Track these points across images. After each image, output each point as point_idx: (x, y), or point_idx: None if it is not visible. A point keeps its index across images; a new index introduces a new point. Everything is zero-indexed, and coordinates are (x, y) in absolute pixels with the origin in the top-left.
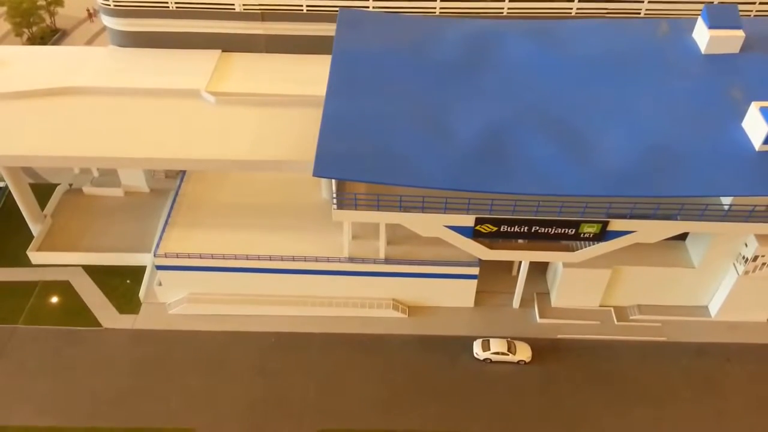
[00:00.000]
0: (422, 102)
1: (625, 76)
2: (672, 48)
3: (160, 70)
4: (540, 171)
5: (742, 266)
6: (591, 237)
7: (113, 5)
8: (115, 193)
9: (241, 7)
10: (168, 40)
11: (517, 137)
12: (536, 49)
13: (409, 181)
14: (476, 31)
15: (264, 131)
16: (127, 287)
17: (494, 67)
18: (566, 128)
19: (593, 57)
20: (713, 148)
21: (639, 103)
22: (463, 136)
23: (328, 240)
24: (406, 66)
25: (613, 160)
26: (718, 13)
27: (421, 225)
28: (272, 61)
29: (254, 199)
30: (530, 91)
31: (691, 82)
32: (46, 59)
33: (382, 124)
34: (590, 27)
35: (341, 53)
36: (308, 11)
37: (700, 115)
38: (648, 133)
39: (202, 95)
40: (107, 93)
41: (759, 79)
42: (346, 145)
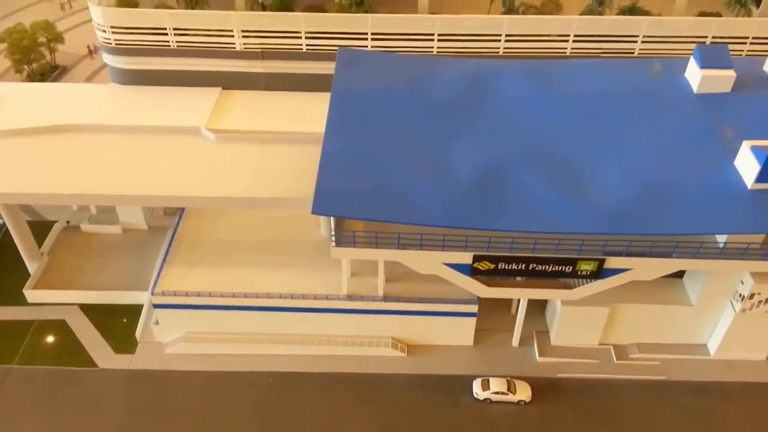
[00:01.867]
0: (420, 140)
1: (620, 114)
2: (665, 87)
3: (160, 108)
4: (536, 208)
5: (739, 304)
6: (588, 275)
7: (115, 44)
8: (113, 231)
9: (242, 46)
10: (168, 77)
11: (513, 175)
12: (532, 87)
13: (407, 219)
14: (473, 70)
15: (263, 168)
16: (124, 326)
17: (491, 105)
18: (562, 166)
19: (588, 96)
20: (706, 186)
21: (633, 142)
22: (460, 173)
23: (326, 277)
24: (404, 104)
25: (608, 198)
26: (710, 54)
27: (419, 262)
28: (272, 99)
29: (253, 236)
30: (526, 129)
31: (684, 120)
32: (46, 96)
33: (380, 162)
34: (585, 66)
35: (340, 92)
36: (308, 50)
37: (694, 154)
38: (642, 171)
39: (202, 132)
40: (107, 130)
41: (750, 118)
42: (344, 183)
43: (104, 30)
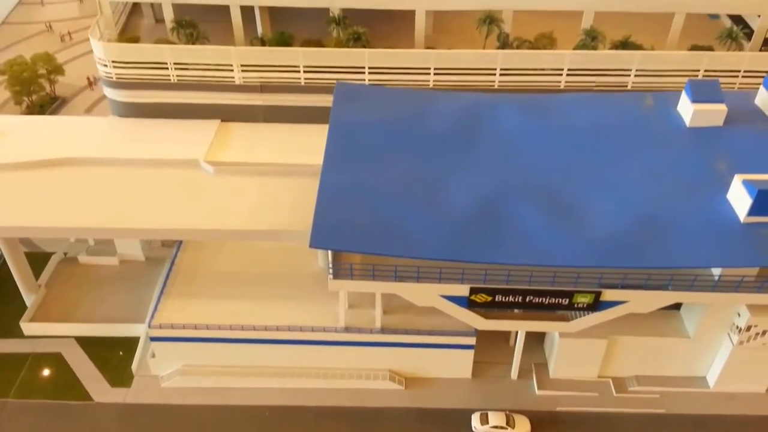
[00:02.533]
0: (417, 173)
1: (614, 148)
2: (658, 121)
3: (159, 140)
4: (532, 241)
5: (736, 336)
6: (585, 307)
7: (116, 78)
8: (110, 262)
9: (241, 80)
10: (168, 110)
11: (509, 208)
12: (527, 121)
13: (404, 252)
14: (469, 104)
15: (261, 201)
16: (120, 359)
17: (487, 139)
18: (557, 199)
19: (582, 129)
20: (700, 220)
21: (627, 175)
22: (456, 207)
23: (323, 309)
24: (401, 138)
25: (603, 231)
26: (701, 88)
27: (417, 294)
28: (270, 131)
29: (250, 267)
30: (522, 162)
31: (677, 154)
32: (47, 129)
33: (377, 196)
34: (579, 100)
35: (337, 125)
36: (306, 84)
37: (687, 187)
38: (636, 204)
39: (201, 165)
40: (107, 164)
41: (742, 152)
42: (342, 217)
43: (105, 64)
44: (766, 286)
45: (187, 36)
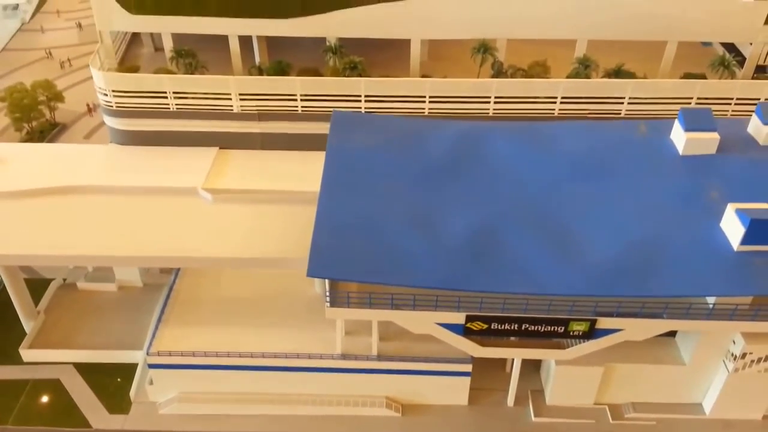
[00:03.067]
0: (413, 202)
1: (608, 176)
2: (651, 149)
3: (158, 168)
4: (528, 270)
5: (731, 363)
6: (580, 335)
7: (116, 107)
8: (109, 288)
9: (239, 108)
10: (167, 138)
11: (505, 236)
12: (522, 149)
13: (401, 281)
14: (464, 132)
15: (259, 228)
16: (118, 386)
17: (482, 167)
18: (552, 227)
19: (577, 158)
20: (694, 248)
21: (621, 203)
22: (452, 235)
23: (320, 336)
24: (397, 166)
25: (598, 260)
26: (694, 117)
27: (413, 322)
28: (268, 158)
29: (248, 293)
30: (516, 190)
31: (671, 182)
32: (47, 157)
33: (374, 224)
34: (574, 128)
35: (334, 155)
36: (303, 112)
37: (681, 215)
38: (630, 232)
39: (200, 193)
40: (106, 192)
41: (735, 180)
42: (339, 246)
43: (106, 93)
44: (760, 314)
45: (186, 65)
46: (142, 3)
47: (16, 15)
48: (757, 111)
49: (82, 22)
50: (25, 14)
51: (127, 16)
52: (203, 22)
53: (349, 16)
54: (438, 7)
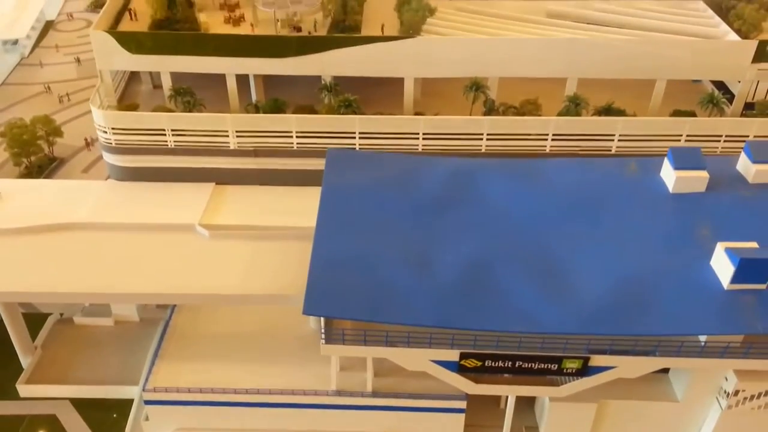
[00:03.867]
0: (407, 238)
1: (599, 214)
2: (642, 187)
3: (156, 204)
4: (521, 308)
5: (724, 401)
6: (574, 372)
7: (115, 144)
8: (106, 323)
9: (236, 145)
10: (164, 174)
11: (498, 274)
12: (514, 187)
13: (396, 319)
14: (457, 169)
15: (255, 264)
16: (114, 421)
17: (474, 203)
18: (545, 265)
19: (568, 195)
20: (685, 287)
21: (613, 241)
22: (445, 273)
23: (316, 371)
24: (392, 203)
25: (590, 299)
26: (683, 156)
27: (407, 359)
28: (264, 194)
29: (244, 329)
30: (509, 227)
31: (662, 220)
32: (46, 193)
33: (369, 262)
34: (565, 166)
35: (329, 193)
36: (298, 148)
37: (672, 254)
38: (622, 270)
39: (196, 229)
40: (104, 228)
41: (724, 218)
42: (334, 284)
43: (105, 131)
44: (752, 351)
45: (184, 104)
46: (141, 43)
47: (15, 50)
48: (746, 149)
49: (80, 57)
50: (25, 49)
51: (128, 56)
52: (201, 61)
53: (343, 56)
54: (430, 47)
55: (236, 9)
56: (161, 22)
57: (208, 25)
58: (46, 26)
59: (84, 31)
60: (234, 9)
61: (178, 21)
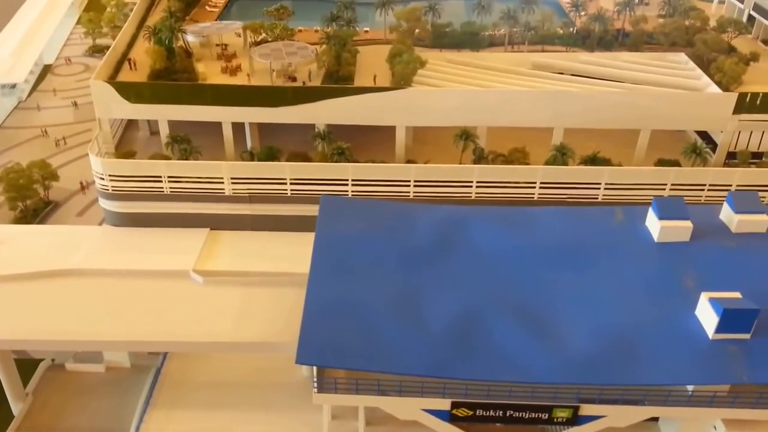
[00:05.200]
0: (399, 286)
1: (587, 263)
2: (628, 236)
3: (151, 250)
4: (511, 358)
5: None
6: (564, 421)
7: (111, 190)
8: (97, 369)
9: (231, 191)
10: (160, 219)
11: (488, 324)
12: (504, 235)
13: (388, 369)
14: (448, 218)
15: (248, 311)
16: None
17: (465, 252)
18: (534, 315)
19: (556, 244)
20: (671, 337)
21: (600, 290)
22: (437, 322)
23: (308, 419)
24: (384, 251)
25: (578, 348)
26: (667, 206)
27: (399, 408)
28: (258, 239)
29: (236, 376)
30: (499, 277)
31: (648, 270)
32: (40, 239)
33: (361, 311)
34: (553, 215)
35: (323, 240)
36: (292, 194)
37: (658, 303)
38: (610, 320)
39: (191, 276)
40: (98, 275)
41: (708, 267)
42: (327, 334)
43: (102, 177)
44: (739, 400)
45: (181, 151)
46: (140, 93)
47: (13, 93)
48: (728, 200)
49: (78, 101)
50: (22, 93)
51: (127, 105)
52: (199, 110)
53: (337, 105)
54: (421, 97)
55: (233, 59)
56: (160, 72)
57: (206, 74)
58: (44, 70)
59: (82, 75)
60: (231, 59)
61: (177, 71)
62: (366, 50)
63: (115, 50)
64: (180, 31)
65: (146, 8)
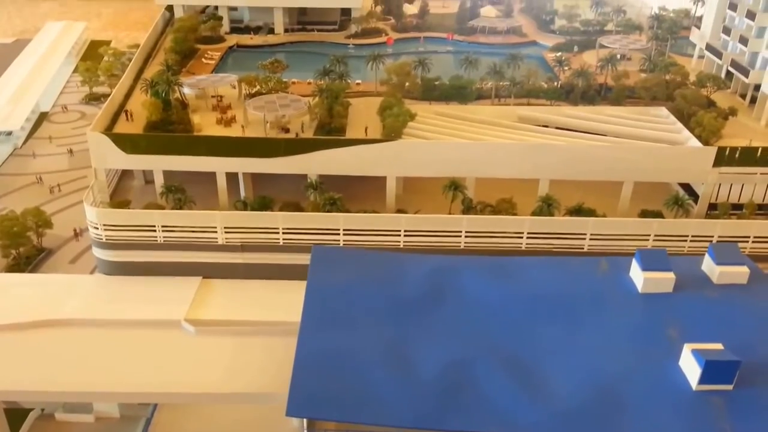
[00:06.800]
0: (389, 337)
1: (573, 314)
2: (613, 287)
3: (143, 299)
4: (499, 410)
5: None
6: None
7: (105, 240)
8: (86, 419)
9: (224, 240)
10: (153, 268)
11: (476, 374)
12: (492, 285)
13: (377, 420)
14: (437, 267)
15: (239, 362)
16: None
17: (454, 302)
18: (521, 365)
19: (543, 295)
20: (655, 388)
21: (587, 341)
22: (426, 373)
23: None
24: (375, 301)
25: (565, 399)
26: (650, 258)
27: None
28: (250, 288)
29: (226, 426)
30: (487, 326)
31: (632, 321)
32: (33, 289)
33: (352, 362)
34: (541, 265)
35: (314, 290)
36: (285, 244)
37: (642, 354)
38: (596, 371)
39: (182, 325)
40: (89, 325)
41: (691, 319)
42: (318, 385)
43: (97, 227)
44: None
45: (175, 201)
46: (136, 144)
47: (9, 140)
48: (709, 251)
49: (73, 148)
50: (18, 140)
51: (123, 156)
52: (194, 160)
53: (329, 157)
54: (411, 149)
55: (228, 110)
56: (156, 123)
57: (201, 125)
58: (40, 117)
59: (78, 122)
60: (226, 110)
61: (173, 122)
62: (357, 102)
63: (113, 101)
64: (177, 84)
65: (144, 59)
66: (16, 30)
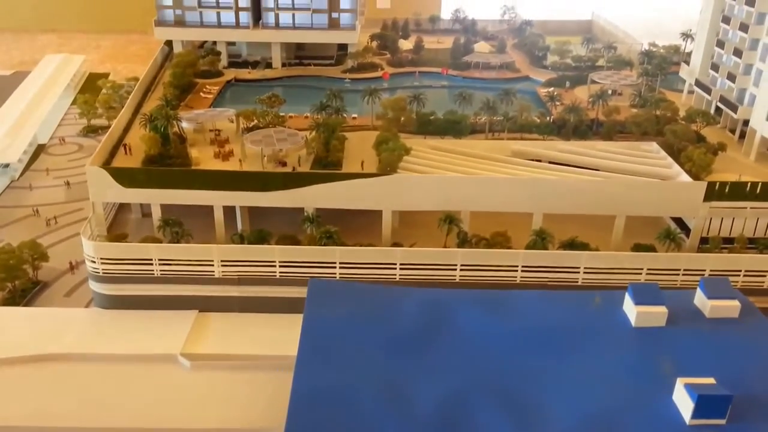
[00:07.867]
0: (385, 372)
1: (568, 347)
2: (607, 321)
3: (139, 333)
4: None
5: None
6: None
7: (102, 273)
8: None
9: (220, 273)
10: (149, 302)
11: (472, 410)
12: (487, 320)
13: None
14: (433, 300)
15: (234, 397)
16: None
17: (450, 337)
18: (516, 400)
19: (539, 328)
20: (650, 422)
21: (581, 376)
22: (422, 409)
23: None
24: (370, 336)
25: None
26: (642, 292)
27: None
28: (246, 321)
29: None
30: (482, 361)
31: (626, 355)
32: (29, 323)
33: (347, 398)
34: (535, 299)
35: (310, 326)
36: (281, 277)
37: (636, 389)
38: (590, 406)
39: (178, 359)
40: (85, 359)
41: (683, 352)
42: (314, 422)
43: (94, 261)
44: None
45: (172, 234)
46: (135, 178)
47: (5, 173)
48: (701, 286)
49: (70, 181)
50: (15, 172)
51: (120, 189)
52: (192, 194)
53: (325, 190)
54: (406, 183)
55: (226, 144)
56: (154, 158)
57: (199, 159)
58: (37, 150)
59: (75, 155)
60: (224, 144)
61: (171, 156)
62: (354, 137)
63: (111, 135)
64: (175, 119)
65: (142, 93)
66: (14, 62)
